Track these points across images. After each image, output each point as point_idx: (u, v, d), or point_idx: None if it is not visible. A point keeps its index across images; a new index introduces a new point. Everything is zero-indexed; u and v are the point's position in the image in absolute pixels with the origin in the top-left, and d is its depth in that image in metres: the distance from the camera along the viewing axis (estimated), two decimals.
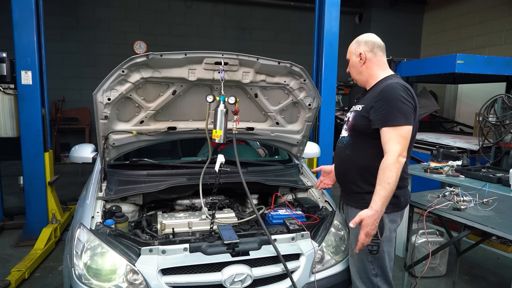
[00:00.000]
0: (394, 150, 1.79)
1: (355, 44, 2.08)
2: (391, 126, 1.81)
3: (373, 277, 2.03)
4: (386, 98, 1.85)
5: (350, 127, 2.05)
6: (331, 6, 4.29)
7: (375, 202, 1.81)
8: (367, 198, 1.89)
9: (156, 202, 2.55)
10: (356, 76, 2.12)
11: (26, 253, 3.60)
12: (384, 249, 2.00)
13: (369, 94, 2.01)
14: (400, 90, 1.86)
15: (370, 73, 2.05)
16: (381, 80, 2.00)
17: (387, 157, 1.80)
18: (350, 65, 2.11)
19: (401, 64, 5.82)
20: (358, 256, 2.05)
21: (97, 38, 8.08)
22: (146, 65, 2.17)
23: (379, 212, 1.80)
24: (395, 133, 1.81)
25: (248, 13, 8.85)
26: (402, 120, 1.80)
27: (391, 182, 1.78)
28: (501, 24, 7.24)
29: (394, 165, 1.78)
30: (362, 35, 2.12)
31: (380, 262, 2.02)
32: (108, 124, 2.35)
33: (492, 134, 4.55)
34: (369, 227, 1.80)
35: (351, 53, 2.09)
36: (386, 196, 1.79)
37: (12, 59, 3.95)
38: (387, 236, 2.00)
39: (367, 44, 2.05)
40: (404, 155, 1.81)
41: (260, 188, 2.54)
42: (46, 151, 4.03)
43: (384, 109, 1.84)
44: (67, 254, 2.01)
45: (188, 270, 1.86)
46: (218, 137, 2.19)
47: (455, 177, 3.22)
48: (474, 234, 3.17)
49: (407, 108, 1.84)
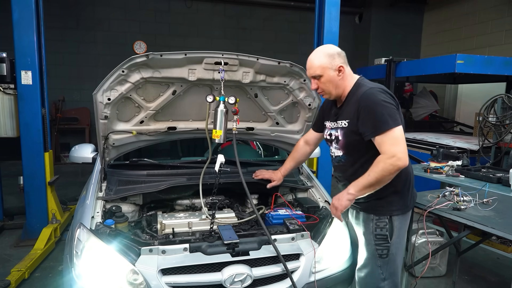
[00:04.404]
0: (389, 152, 1.79)
1: (327, 58, 1.93)
2: (382, 133, 1.81)
3: (380, 282, 2.03)
4: (368, 107, 1.84)
5: (343, 145, 2.02)
6: (331, 6, 4.29)
7: (352, 185, 1.90)
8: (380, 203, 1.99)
9: (156, 202, 2.55)
10: (333, 91, 1.99)
11: (26, 253, 3.60)
12: (394, 252, 2.00)
13: (347, 107, 1.98)
14: (378, 93, 1.85)
15: (345, 84, 1.99)
16: (352, 89, 1.98)
17: (381, 156, 1.82)
18: (326, 80, 1.95)
19: (401, 64, 5.82)
20: (367, 261, 2.06)
21: (97, 38, 8.07)
22: (146, 65, 2.17)
23: (352, 194, 1.88)
24: (388, 137, 1.80)
25: (248, 13, 8.85)
26: (391, 123, 1.80)
27: (371, 176, 1.82)
28: (501, 24, 7.24)
29: (383, 164, 1.79)
30: (325, 48, 1.99)
31: (389, 266, 2.02)
32: (108, 124, 2.35)
33: (492, 134, 4.55)
34: (338, 201, 1.91)
35: (325, 68, 1.93)
36: (364, 184, 1.85)
37: (12, 59, 3.95)
38: (397, 240, 2.01)
39: (340, 56, 1.96)
40: (401, 157, 1.78)
41: (260, 188, 2.54)
42: (46, 151, 4.03)
43: (370, 118, 1.84)
44: (67, 254, 2.01)
45: (188, 270, 1.86)
46: (218, 137, 2.19)
47: (455, 177, 3.22)
48: (474, 234, 3.17)
49: (391, 109, 1.83)
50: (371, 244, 2.03)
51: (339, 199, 1.92)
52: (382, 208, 2.00)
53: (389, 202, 1.99)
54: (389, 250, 1.99)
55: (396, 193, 1.99)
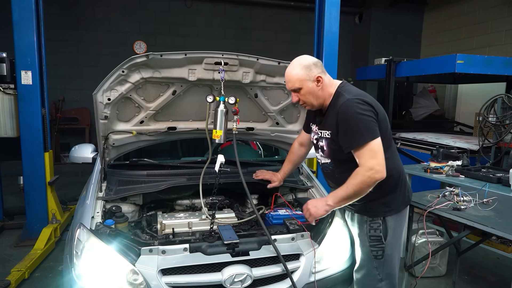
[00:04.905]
0: (366, 164, 1.80)
1: (304, 70, 1.90)
2: (359, 146, 1.81)
3: (377, 283, 2.02)
4: (344, 120, 1.84)
5: (329, 155, 2.03)
6: (331, 6, 4.29)
7: (330, 196, 1.93)
8: (372, 205, 1.99)
9: (156, 202, 2.55)
10: (314, 102, 1.97)
11: (26, 253, 3.60)
12: (389, 252, 2.00)
13: (329, 118, 1.97)
14: (355, 106, 1.83)
15: (325, 94, 1.97)
16: (333, 98, 1.96)
17: (359, 168, 1.83)
18: (306, 92, 1.93)
19: (401, 64, 5.82)
20: (363, 262, 2.06)
21: (97, 38, 8.07)
22: (146, 65, 2.17)
23: (330, 205, 1.92)
24: (365, 150, 1.80)
25: (248, 13, 8.84)
26: (367, 137, 1.79)
27: (350, 189, 1.84)
28: (501, 24, 7.24)
29: (361, 176, 1.80)
30: (301, 60, 1.95)
31: (386, 267, 2.01)
32: (108, 124, 2.35)
33: (492, 134, 4.55)
34: (315, 209, 1.93)
35: (303, 80, 1.90)
36: (342, 196, 1.87)
37: (12, 59, 3.95)
38: (392, 240, 2.00)
39: (317, 66, 1.92)
40: (378, 169, 1.79)
41: (260, 188, 2.54)
42: (46, 151, 4.03)
43: (346, 131, 1.84)
44: (67, 254, 2.01)
45: (188, 270, 1.86)
46: (218, 137, 2.19)
47: (455, 177, 3.22)
48: (474, 234, 3.17)
49: (368, 122, 1.81)
50: (365, 246, 2.04)
51: (317, 207, 1.94)
52: (375, 209, 2.01)
53: (382, 203, 2.00)
54: (384, 251, 1.99)
55: (388, 194, 2.00)
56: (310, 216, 1.97)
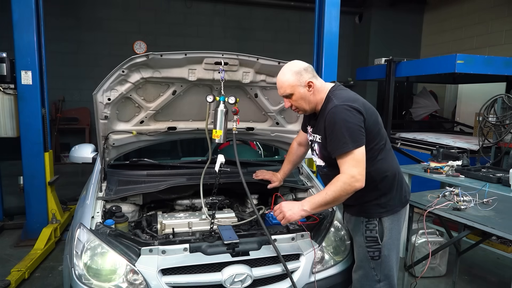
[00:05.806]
0: (348, 172, 1.80)
1: (295, 75, 1.90)
2: (342, 153, 1.81)
3: (375, 283, 2.02)
4: (331, 126, 1.84)
5: (322, 158, 2.04)
6: (331, 6, 4.29)
7: (307, 201, 1.88)
8: (368, 206, 1.98)
9: (156, 202, 2.55)
10: (307, 107, 1.97)
11: (26, 253, 3.60)
12: (386, 253, 2.00)
13: (320, 122, 1.97)
14: (342, 112, 1.82)
15: (317, 98, 1.96)
16: (324, 103, 1.95)
17: (341, 175, 1.82)
18: (297, 98, 1.93)
19: (401, 64, 5.82)
20: (360, 263, 2.05)
21: (97, 38, 8.06)
22: (146, 65, 2.17)
23: (306, 211, 1.87)
24: (348, 158, 1.80)
25: (248, 13, 8.84)
26: (351, 145, 1.79)
27: (329, 195, 1.82)
28: (501, 24, 7.23)
29: (342, 184, 1.79)
30: (291, 65, 1.95)
31: (383, 268, 2.01)
32: (108, 124, 2.35)
33: (492, 134, 4.55)
34: (291, 213, 1.86)
35: (294, 86, 1.91)
36: (320, 202, 1.84)
37: (12, 59, 3.95)
38: (388, 241, 2.00)
39: (307, 71, 1.92)
40: (359, 178, 1.79)
41: (260, 188, 2.54)
42: (46, 151, 4.03)
43: (332, 138, 1.84)
44: (67, 254, 2.01)
45: (188, 270, 1.86)
46: (218, 137, 2.19)
47: (455, 177, 3.22)
48: (474, 234, 3.17)
49: (353, 129, 1.80)
50: (362, 247, 2.03)
51: (292, 211, 1.88)
52: (371, 210, 2.00)
53: (378, 204, 1.99)
54: (380, 252, 1.98)
55: (384, 195, 1.99)
56: (284, 219, 1.89)
